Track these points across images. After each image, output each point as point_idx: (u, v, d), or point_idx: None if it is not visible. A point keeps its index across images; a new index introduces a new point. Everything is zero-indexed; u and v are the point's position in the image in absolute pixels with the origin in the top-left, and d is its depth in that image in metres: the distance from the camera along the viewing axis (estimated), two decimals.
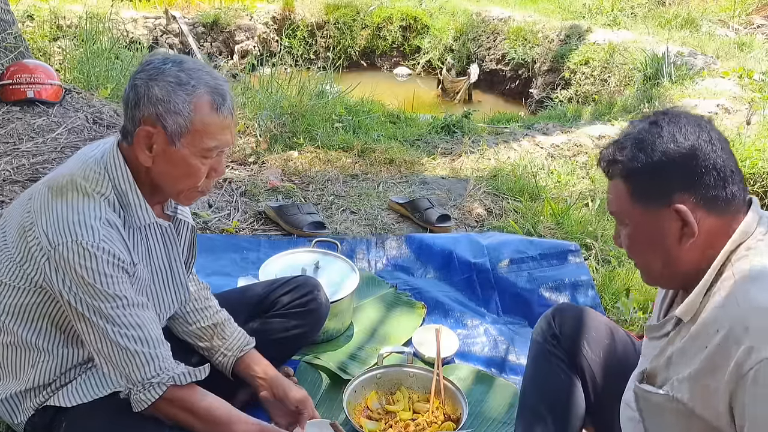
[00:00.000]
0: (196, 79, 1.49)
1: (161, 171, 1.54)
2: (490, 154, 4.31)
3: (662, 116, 1.31)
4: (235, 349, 1.85)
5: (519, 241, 3.00)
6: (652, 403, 1.34)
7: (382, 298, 2.65)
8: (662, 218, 1.27)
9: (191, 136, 1.49)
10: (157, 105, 1.47)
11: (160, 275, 1.68)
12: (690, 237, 1.26)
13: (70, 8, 7.15)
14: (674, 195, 1.26)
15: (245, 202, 3.40)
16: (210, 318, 1.88)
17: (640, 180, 1.29)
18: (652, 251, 1.32)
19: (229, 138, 1.55)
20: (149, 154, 1.51)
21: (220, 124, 1.51)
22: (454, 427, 1.95)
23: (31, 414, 1.61)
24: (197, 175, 1.53)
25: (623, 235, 1.36)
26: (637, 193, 1.29)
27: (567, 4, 9.02)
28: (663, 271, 1.33)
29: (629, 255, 1.40)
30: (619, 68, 6.90)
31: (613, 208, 1.35)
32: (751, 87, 5.75)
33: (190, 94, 1.47)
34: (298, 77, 5.12)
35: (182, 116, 1.47)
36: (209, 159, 1.53)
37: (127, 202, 1.54)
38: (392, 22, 8.99)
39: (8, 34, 4.35)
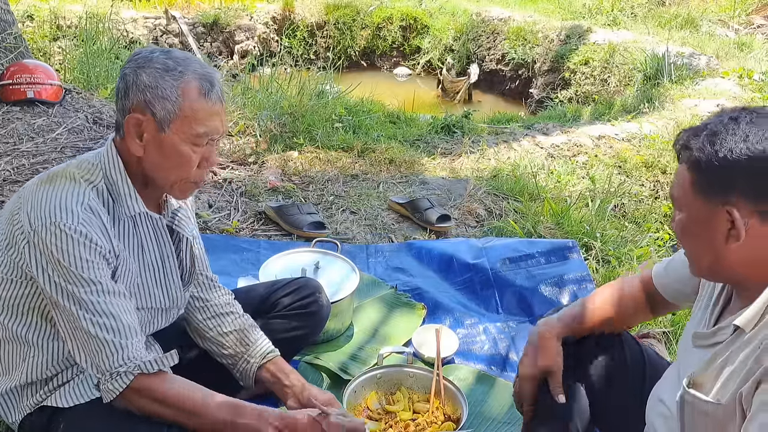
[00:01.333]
0: (184, 65, 1.50)
1: (153, 161, 1.53)
2: (490, 154, 4.31)
3: (746, 114, 1.27)
4: (258, 355, 1.82)
5: (518, 241, 3.01)
6: (700, 411, 1.32)
7: (382, 299, 2.65)
8: (714, 214, 1.26)
9: (180, 122, 1.48)
10: (145, 92, 1.48)
11: (151, 270, 1.66)
12: (736, 240, 1.25)
13: (70, 8, 7.15)
14: (731, 196, 1.24)
15: (245, 202, 3.40)
16: (232, 324, 1.85)
17: (704, 172, 1.26)
18: (700, 243, 1.31)
19: (219, 125, 1.54)
20: (140, 143, 1.51)
21: (209, 110, 1.50)
22: (454, 427, 1.95)
23: (28, 413, 1.60)
24: (188, 163, 1.52)
25: (677, 221, 1.35)
26: (698, 184, 1.28)
27: (567, 4, 9.02)
28: (709, 265, 1.33)
29: (679, 241, 1.39)
30: (619, 68, 6.90)
31: (675, 192, 1.34)
32: (751, 87, 5.75)
33: (178, 80, 1.48)
34: (298, 77, 5.11)
35: (170, 101, 1.47)
36: (200, 147, 1.52)
37: (117, 192, 1.54)
38: (392, 22, 8.99)
39: (8, 34, 4.35)
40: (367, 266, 2.88)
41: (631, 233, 3.29)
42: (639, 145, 4.59)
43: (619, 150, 4.49)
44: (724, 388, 1.27)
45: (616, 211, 3.61)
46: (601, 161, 4.30)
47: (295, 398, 1.76)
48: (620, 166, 4.27)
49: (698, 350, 1.38)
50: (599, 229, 3.23)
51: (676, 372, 1.47)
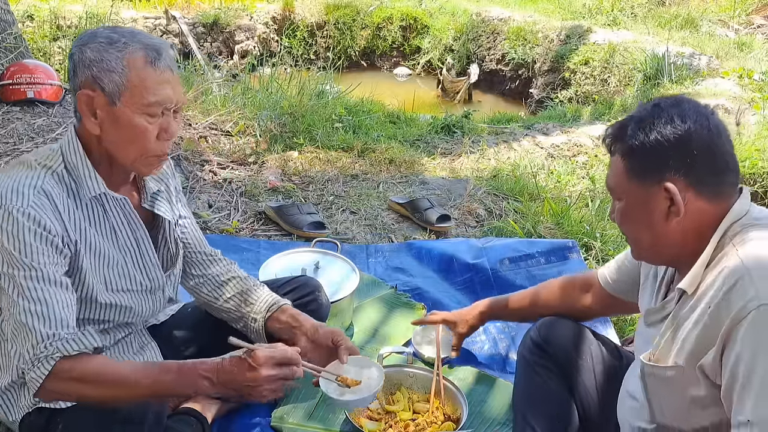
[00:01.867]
0: (128, 37, 1.49)
1: (111, 138, 1.51)
2: (490, 154, 4.31)
3: (665, 100, 1.36)
4: (262, 311, 1.81)
5: (517, 242, 3.01)
6: (661, 379, 1.37)
7: (381, 299, 2.65)
8: (653, 195, 1.32)
9: (130, 93, 1.47)
10: (91, 67, 1.47)
11: (127, 252, 1.65)
12: (676, 215, 1.32)
13: (70, 8, 7.16)
14: (666, 174, 1.31)
15: (245, 203, 3.40)
16: (233, 288, 1.85)
17: (637, 157, 1.34)
18: (642, 226, 1.37)
19: (171, 94, 1.51)
20: (95, 121, 1.50)
21: (158, 79, 1.48)
22: (454, 427, 1.95)
23: (27, 413, 1.60)
24: (145, 136, 1.50)
25: (617, 210, 1.42)
26: (633, 170, 1.35)
27: (567, 4, 9.03)
28: (650, 246, 1.40)
29: (621, 228, 1.46)
30: (619, 68, 6.90)
31: (611, 182, 1.41)
32: (751, 87, 5.75)
33: (122, 50, 1.47)
34: (298, 77, 5.12)
35: (117, 73, 1.46)
36: (155, 118, 1.50)
37: (78, 174, 1.53)
38: (392, 22, 8.99)
39: (8, 34, 4.35)
40: (367, 266, 2.88)
41: None
42: None
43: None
44: (680, 351, 1.32)
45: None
46: (601, 161, 4.30)
47: (306, 338, 1.76)
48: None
49: (651, 329, 1.44)
50: (599, 229, 3.23)
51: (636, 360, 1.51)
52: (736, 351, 1.20)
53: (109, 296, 1.61)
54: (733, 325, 1.21)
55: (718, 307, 1.24)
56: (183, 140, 3.91)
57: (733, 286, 1.22)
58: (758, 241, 1.26)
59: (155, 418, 1.59)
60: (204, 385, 1.45)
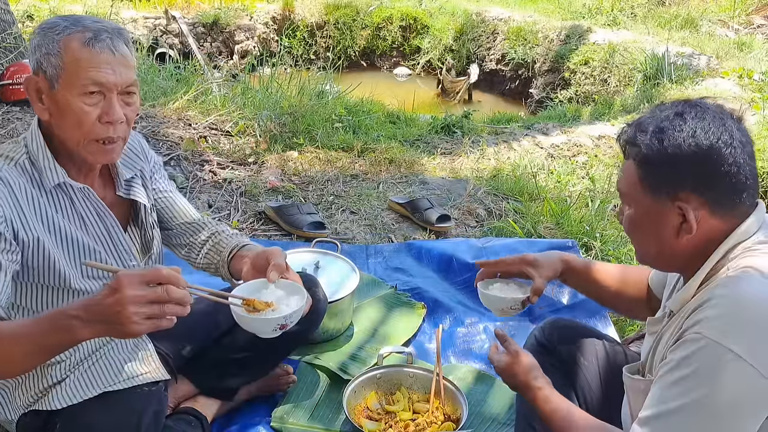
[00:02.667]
0: (72, 21, 1.48)
1: (57, 122, 1.51)
2: (490, 154, 4.31)
3: (689, 108, 1.28)
4: (227, 255, 1.79)
5: (517, 242, 3.01)
6: (635, 390, 1.38)
7: (381, 299, 2.65)
8: (665, 210, 1.28)
9: (67, 75, 1.45)
10: (35, 52, 1.48)
11: (100, 241, 1.64)
12: (687, 233, 1.27)
13: (70, 8, 7.15)
14: (681, 191, 1.25)
15: (245, 203, 3.40)
16: (210, 243, 1.84)
17: (653, 169, 1.28)
18: (649, 237, 1.33)
19: (110, 75, 1.47)
20: (42, 106, 1.50)
21: (94, 60, 1.46)
22: (454, 427, 1.95)
23: (23, 413, 1.60)
24: (84, 118, 1.47)
25: (626, 216, 1.37)
26: (646, 181, 1.29)
27: (567, 4, 9.03)
28: (656, 256, 1.36)
29: (627, 234, 1.41)
30: (619, 68, 6.90)
31: (622, 188, 1.36)
32: (751, 87, 5.75)
33: (60, 33, 1.46)
34: (298, 77, 5.12)
35: (54, 55, 1.46)
36: (94, 100, 1.48)
37: (40, 165, 1.53)
38: (392, 23, 8.99)
39: (8, 35, 4.35)
40: (366, 266, 2.88)
41: None
42: None
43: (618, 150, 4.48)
44: (654, 366, 1.33)
45: (615, 210, 3.61)
46: (601, 161, 4.30)
47: (250, 264, 1.67)
48: (620, 166, 4.27)
49: (650, 338, 1.44)
50: (599, 229, 3.23)
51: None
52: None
53: (84, 283, 1.60)
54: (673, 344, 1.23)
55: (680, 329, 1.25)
56: (183, 140, 3.91)
57: (695, 310, 1.22)
58: (745, 275, 1.21)
59: (154, 417, 1.59)
60: (76, 324, 1.22)
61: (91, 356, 1.64)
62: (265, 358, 2.01)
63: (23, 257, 1.48)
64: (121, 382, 1.61)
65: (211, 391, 1.98)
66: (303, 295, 1.51)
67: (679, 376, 1.19)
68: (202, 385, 1.97)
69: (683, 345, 1.20)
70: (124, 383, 1.62)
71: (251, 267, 1.65)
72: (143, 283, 1.19)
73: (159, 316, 1.20)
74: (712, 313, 1.18)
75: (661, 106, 1.33)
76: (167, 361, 1.83)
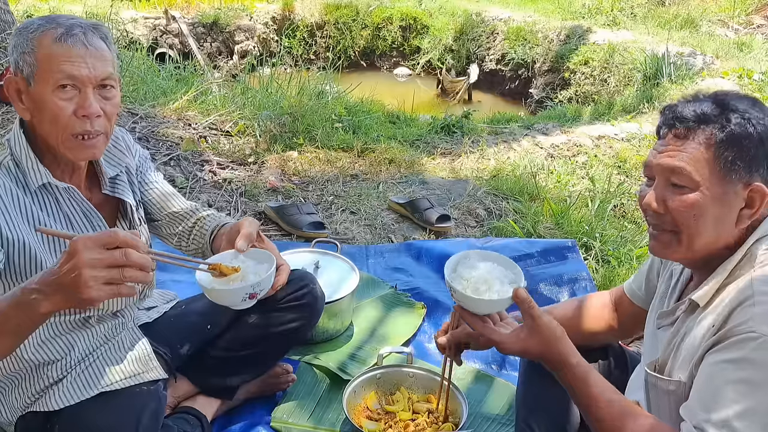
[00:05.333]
0: (47, 19, 1.50)
1: (36, 121, 1.51)
2: (490, 154, 4.31)
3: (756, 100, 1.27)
4: (209, 237, 1.80)
5: (517, 242, 3.02)
6: (663, 391, 1.32)
7: (381, 299, 2.65)
8: (732, 194, 1.23)
9: (41, 71, 1.46)
10: (13, 52, 1.49)
11: None
12: (747, 219, 1.24)
13: (70, 8, 7.15)
14: (756, 177, 1.22)
15: (245, 203, 3.40)
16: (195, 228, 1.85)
17: (733, 149, 1.21)
18: (709, 223, 1.24)
19: (82, 69, 1.47)
20: (23, 106, 1.51)
21: (65, 54, 1.46)
22: (454, 427, 1.95)
23: (21, 415, 1.60)
24: (60, 114, 1.47)
25: (680, 200, 1.25)
26: (723, 162, 1.21)
27: (567, 4, 9.03)
28: (705, 245, 1.27)
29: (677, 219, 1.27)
30: (618, 68, 6.90)
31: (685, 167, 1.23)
32: (750, 87, 5.75)
33: (34, 32, 1.47)
34: (298, 77, 5.12)
35: (28, 53, 1.46)
36: (68, 94, 1.47)
37: (24, 167, 1.53)
38: (392, 23, 8.99)
39: (8, 35, 4.35)
40: (366, 266, 2.88)
41: (630, 233, 3.29)
42: (639, 145, 4.59)
43: (618, 150, 4.49)
44: (683, 365, 1.27)
45: (615, 211, 3.61)
46: (601, 161, 4.30)
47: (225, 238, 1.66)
48: (620, 166, 4.27)
49: (662, 332, 1.39)
50: (599, 229, 3.23)
51: (642, 362, 1.48)
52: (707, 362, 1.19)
53: None
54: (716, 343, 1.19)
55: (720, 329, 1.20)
56: (183, 140, 3.91)
57: (736, 308, 1.18)
58: None
59: (153, 417, 1.59)
60: (37, 299, 1.18)
61: (88, 356, 1.64)
62: (264, 357, 2.01)
63: (8, 257, 1.48)
64: (119, 382, 1.61)
65: (210, 390, 1.98)
66: (272, 262, 1.48)
67: (734, 378, 1.14)
68: (201, 384, 1.97)
69: (734, 345, 1.15)
70: (123, 383, 1.62)
71: (226, 242, 1.63)
72: (100, 246, 1.15)
73: (118, 282, 1.16)
74: (761, 310, 1.15)
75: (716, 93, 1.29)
76: (165, 360, 1.83)
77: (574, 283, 2.76)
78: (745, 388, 1.13)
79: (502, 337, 1.39)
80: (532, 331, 1.36)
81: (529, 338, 1.36)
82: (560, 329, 1.37)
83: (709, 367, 1.19)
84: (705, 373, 1.19)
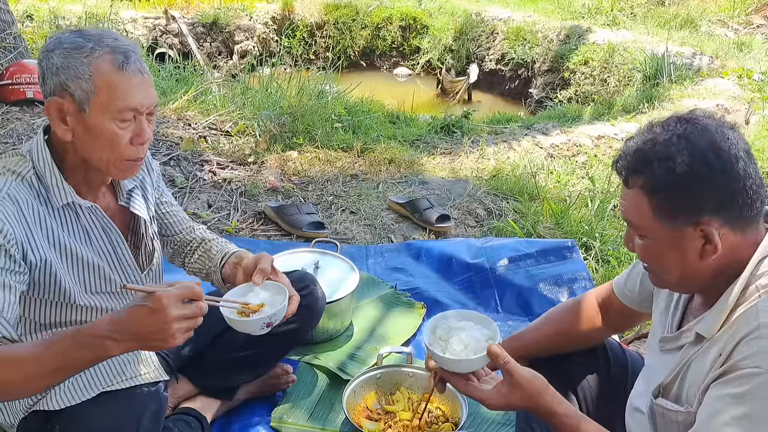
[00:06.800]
0: (95, 41, 1.46)
1: (83, 144, 1.49)
2: (489, 154, 4.31)
3: (690, 127, 1.22)
4: (218, 261, 1.83)
5: (517, 242, 3.02)
6: (670, 420, 1.31)
7: (381, 299, 2.65)
8: (685, 235, 1.22)
9: (98, 99, 1.44)
10: (58, 73, 1.44)
11: (104, 256, 1.64)
12: (712, 254, 1.22)
13: (70, 8, 7.15)
14: (702, 215, 1.19)
15: (245, 203, 3.40)
16: (198, 250, 1.89)
17: (666, 198, 1.21)
18: (671, 264, 1.26)
19: (143, 98, 1.48)
20: (66, 127, 1.48)
21: (127, 83, 1.45)
22: (454, 427, 1.95)
23: (23, 417, 1.60)
24: (118, 141, 1.48)
25: (638, 245, 1.30)
26: (661, 210, 1.22)
27: (566, 4, 9.03)
28: (678, 281, 1.29)
29: (644, 262, 1.33)
30: (618, 68, 6.90)
31: (632, 218, 1.28)
32: (750, 87, 5.75)
33: (89, 56, 1.44)
34: (298, 77, 5.12)
35: (84, 79, 1.43)
36: (127, 123, 1.48)
37: (47, 182, 1.51)
38: (392, 23, 8.99)
39: (8, 34, 4.35)
40: (366, 266, 2.88)
41: None
42: None
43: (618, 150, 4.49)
44: (690, 394, 1.26)
45: (615, 211, 3.61)
46: (601, 161, 4.30)
47: (242, 272, 1.71)
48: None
49: (666, 355, 1.37)
50: (599, 229, 3.23)
51: (646, 380, 1.45)
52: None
53: (88, 298, 1.60)
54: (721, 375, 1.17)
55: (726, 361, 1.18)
56: (183, 140, 3.91)
57: (742, 340, 1.16)
58: None
59: (154, 418, 1.59)
60: (109, 344, 1.27)
61: None
62: (265, 357, 2.01)
63: (32, 278, 1.48)
64: (120, 383, 1.61)
65: (210, 390, 1.98)
66: (285, 295, 1.59)
67: (736, 414, 1.13)
68: (201, 385, 1.97)
69: (738, 380, 1.14)
70: (124, 383, 1.62)
71: (243, 276, 1.70)
72: (181, 301, 1.29)
73: (192, 329, 1.32)
74: (766, 344, 1.14)
75: (656, 128, 1.25)
76: (167, 362, 1.83)
77: (574, 283, 2.76)
78: (747, 423, 1.12)
79: (483, 395, 1.40)
80: (512, 386, 1.38)
81: (510, 393, 1.38)
82: (540, 381, 1.38)
83: (712, 400, 1.18)
84: (708, 406, 1.18)
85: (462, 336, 1.48)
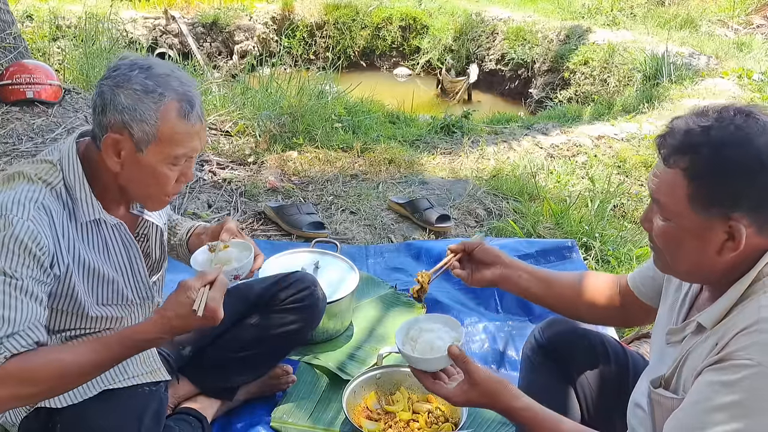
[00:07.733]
0: (164, 86, 1.46)
1: (130, 177, 1.52)
2: (489, 154, 4.31)
3: (750, 121, 1.17)
4: (185, 236, 1.88)
5: (517, 242, 3.02)
6: (667, 408, 1.31)
7: (381, 299, 2.65)
8: (712, 228, 1.19)
9: (158, 144, 1.46)
10: (123, 113, 1.45)
11: (119, 270, 1.65)
12: (731, 251, 1.20)
13: (70, 8, 7.15)
14: (735, 211, 1.17)
15: (245, 203, 3.40)
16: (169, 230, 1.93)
17: (707, 185, 1.17)
18: (688, 252, 1.24)
19: (198, 144, 1.52)
20: (117, 160, 1.49)
21: (188, 132, 1.48)
22: (454, 427, 1.95)
23: (25, 415, 1.60)
24: (166, 181, 1.52)
25: (659, 226, 1.26)
26: (697, 197, 1.18)
27: (566, 4, 9.03)
28: (687, 271, 1.28)
29: (657, 244, 1.29)
30: (618, 68, 6.90)
31: (661, 197, 1.23)
32: (750, 87, 5.76)
33: (157, 102, 1.45)
34: (298, 77, 5.12)
35: (149, 124, 1.45)
36: (178, 166, 1.52)
37: (75, 195, 1.52)
38: (392, 23, 8.99)
39: (7, 35, 4.35)
40: (366, 266, 2.88)
41: (630, 233, 3.29)
42: (638, 145, 4.59)
43: (618, 150, 4.49)
44: (686, 384, 1.26)
45: (615, 211, 3.61)
46: (601, 161, 4.30)
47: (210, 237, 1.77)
48: (620, 166, 4.27)
49: (670, 348, 1.38)
50: (599, 229, 3.23)
51: (649, 375, 1.46)
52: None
53: (100, 310, 1.62)
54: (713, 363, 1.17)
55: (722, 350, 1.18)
56: None
57: (740, 332, 1.16)
58: None
59: (155, 417, 1.59)
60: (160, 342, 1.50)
61: None
62: (265, 357, 2.01)
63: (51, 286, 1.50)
64: (121, 382, 1.62)
65: (211, 390, 1.98)
66: (251, 251, 1.66)
67: (724, 402, 1.13)
68: (202, 385, 1.97)
69: (731, 369, 1.14)
70: (125, 382, 1.62)
71: (210, 238, 1.76)
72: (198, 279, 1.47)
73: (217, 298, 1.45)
74: (764, 339, 1.13)
75: (711, 113, 1.21)
76: (168, 362, 1.83)
77: None
78: (736, 411, 1.12)
79: (446, 392, 1.49)
80: (471, 384, 1.45)
81: (470, 391, 1.46)
82: (498, 380, 1.46)
83: (701, 386, 1.18)
84: (696, 392, 1.18)
85: (430, 337, 1.58)
